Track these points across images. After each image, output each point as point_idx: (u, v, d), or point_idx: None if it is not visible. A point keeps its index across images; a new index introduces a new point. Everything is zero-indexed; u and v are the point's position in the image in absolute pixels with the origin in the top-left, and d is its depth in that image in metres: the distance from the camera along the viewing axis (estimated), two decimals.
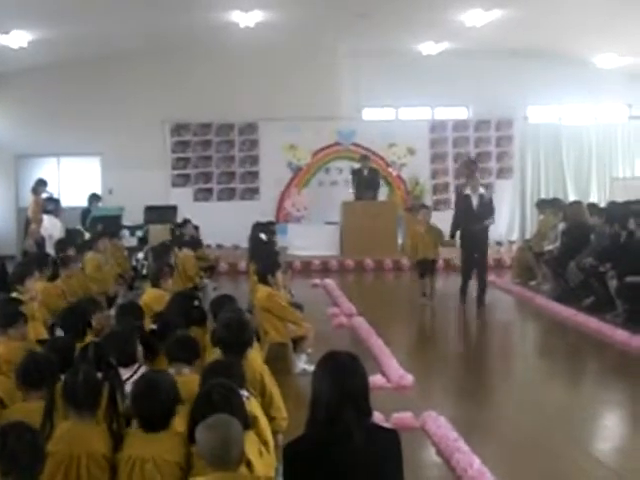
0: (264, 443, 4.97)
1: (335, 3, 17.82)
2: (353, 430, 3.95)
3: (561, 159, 23.72)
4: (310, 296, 14.46)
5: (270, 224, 16.28)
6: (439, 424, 7.31)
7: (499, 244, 20.85)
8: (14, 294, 8.81)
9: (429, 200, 21.92)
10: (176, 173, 22.74)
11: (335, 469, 3.96)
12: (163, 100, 21.88)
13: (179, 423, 4.70)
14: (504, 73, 22.60)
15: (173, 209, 19.52)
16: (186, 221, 17.14)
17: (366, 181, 19.93)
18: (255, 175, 22.93)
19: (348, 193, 20.47)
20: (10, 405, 5.43)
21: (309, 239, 20.24)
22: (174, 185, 22.67)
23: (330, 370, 4.14)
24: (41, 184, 17.10)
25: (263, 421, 5.26)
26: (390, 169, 22.67)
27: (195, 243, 15.20)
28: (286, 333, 9.64)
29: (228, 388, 4.66)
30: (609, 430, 7.86)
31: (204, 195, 22.78)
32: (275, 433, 5.70)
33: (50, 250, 13.73)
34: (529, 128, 23.74)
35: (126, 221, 18.82)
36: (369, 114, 23.85)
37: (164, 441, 4.54)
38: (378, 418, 6.45)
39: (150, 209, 19.27)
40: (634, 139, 23.96)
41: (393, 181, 22.67)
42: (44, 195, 16.95)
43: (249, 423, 4.70)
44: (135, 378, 5.21)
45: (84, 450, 4.53)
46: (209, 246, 19.55)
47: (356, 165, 20.76)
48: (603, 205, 17.02)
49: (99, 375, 4.87)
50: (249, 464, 4.33)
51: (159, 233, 17.01)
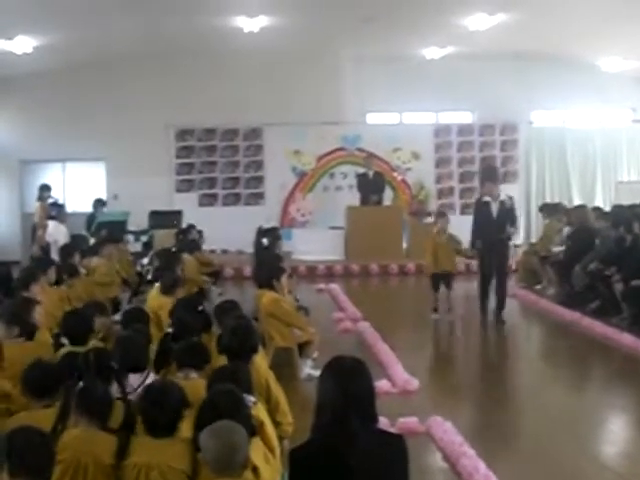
0: (270, 449, 4.97)
1: (339, 8, 17.83)
2: (358, 435, 3.95)
3: (566, 163, 23.71)
4: (315, 301, 14.44)
5: (274, 229, 16.27)
6: (445, 429, 7.30)
7: None
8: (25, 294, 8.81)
9: (434, 204, 21.92)
10: (181, 178, 22.76)
11: (341, 474, 3.94)
12: (168, 105, 21.90)
13: (186, 428, 4.69)
14: (508, 77, 22.59)
15: (178, 214, 19.54)
16: (190, 226, 17.13)
17: (371, 185, 19.92)
18: (260, 180, 22.95)
19: (353, 198, 20.46)
20: (17, 410, 5.44)
21: (314, 244, 20.22)
22: (179, 190, 22.69)
23: (336, 375, 4.14)
24: (45, 190, 17.12)
25: (269, 427, 5.26)
26: (395, 173, 22.66)
27: (193, 246, 15.05)
28: (291, 338, 9.63)
29: (233, 395, 4.66)
30: (615, 434, 7.85)
31: (209, 200, 22.79)
32: (281, 439, 5.69)
33: (55, 256, 13.73)
34: (534, 132, 23.73)
35: (131, 226, 18.83)
36: (373, 119, 23.87)
37: (170, 448, 4.53)
38: (384, 423, 6.44)
39: (155, 214, 19.29)
40: (639, 143, 23.94)
41: (398, 185, 22.67)
42: (49, 200, 16.96)
43: (255, 429, 4.69)
44: (145, 384, 5.21)
45: (91, 457, 4.52)
46: (214, 251, 19.56)
47: (360, 170, 20.73)
48: (608, 209, 17.00)
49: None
50: (255, 470, 4.33)
51: (164, 238, 17.02)
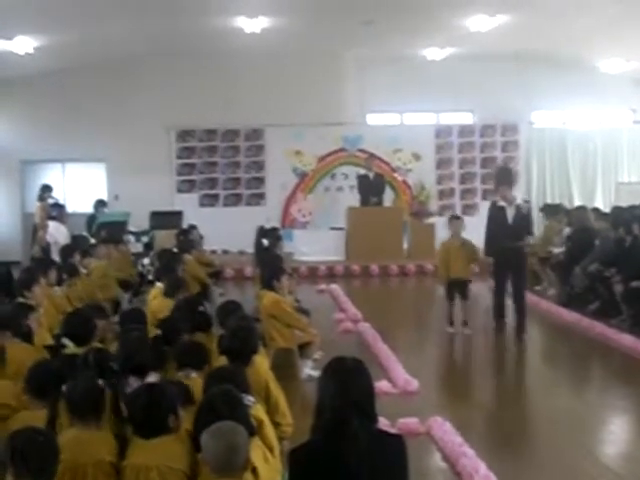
0: (269, 448, 4.97)
1: (341, 10, 17.82)
2: (358, 435, 3.96)
3: (566, 164, 23.72)
4: (316, 301, 14.45)
5: (275, 230, 16.26)
6: (445, 429, 7.30)
7: None
8: (20, 299, 8.82)
9: (434, 205, 21.94)
10: (181, 179, 22.76)
11: (341, 475, 3.96)
12: (168, 106, 21.92)
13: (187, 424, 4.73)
14: (509, 78, 22.60)
15: (179, 215, 19.55)
16: (192, 227, 17.12)
17: (371, 186, 19.92)
18: (261, 181, 22.95)
19: (354, 198, 20.46)
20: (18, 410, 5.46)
21: (315, 244, 20.23)
22: (179, 191, 22.70)
23: (336, 375, 4.16)
24: (46, 190, 17.14)
25: (268, 426, 5.26)
26: (395, 174, 22.67)
27: (189, 246, 14.90)
28: (292, 339, 9.63)
29: (232, 395, 4.67)
30: (615, 435, 7.85)
31: (210, 201, 22.79)
32: (281, 439, 5.69)
33: (55, 256, 13.74)
34: (534, 133, 23.73)
35: (131, 227, 18.84)
36: (374, 120, 23.86)
37: (169, 448, 4.54)
38: (384, 424, 6.46)
39: (155, 215, 19.31)
40: (639, 144, 23.95)
41: (398, 186, 22.67)
42: (50, 201, 16.97)
43: (254, 430, 4.71)
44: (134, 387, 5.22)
45: (90, 458, 4.53)
46: (214, 252, 19.56)
47: (361, 170, 20.74)
48: (608, 210, 17.00)
49: (100, 382, 4.85)
50: (254, 471, 4.34)
51: (164, 239, 17.02)
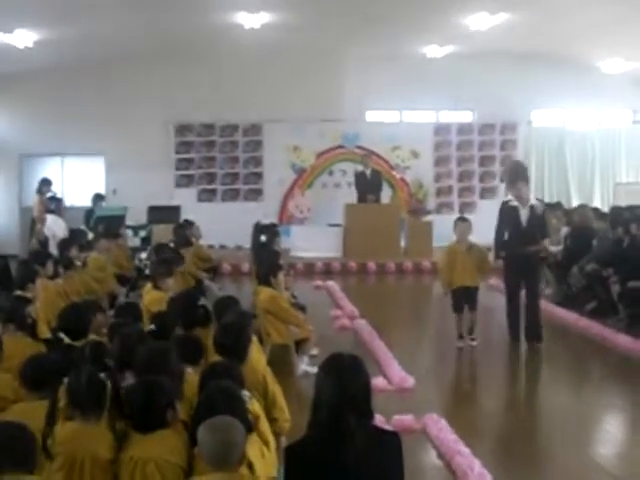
0: (265, 442, 4.98)
1: (340, 6, 17.82)
2: (354, 432, 3.97)
3: (565, 163, 23.75)
4: (313, 298, 14.45)
5: (272, 226, 16.24)
6: (440, 427, 7.32)
7: None
8: (18, 292, 8.84)
9: (432, 203, 21.95)
10: (180, 173, 22.76)
11: (336, 471, 3.96)
12: (167, 100, 21.93)
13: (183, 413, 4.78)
14: (509, 77, 22.62)
15: (176, 209, 19.55)
16: (188, 222, 17.01)
17: (369, 183, 19.92)
18: (259, 176, 22.95)
19: (352, 195, 20.45)
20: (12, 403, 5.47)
21: (312, 241, 20.22)
22: (178, 185, 22.69)
23: (332, 372, 4.15)
24: (45, 184, 17.15)
25: (264, 421, 5.27)
26: (393, 172, 22.67)
27: (185, 242, 14.77)
28: (288, 335, 9.65)
29: (230, 391, 4.68)
30: (611, 435, 7.86)
31: (208, 196, 22.80)
32: (278, 435, 5.70)
33: (53, 250, 13.74)
34: (533, 132, 23.76)
35: (129, 221, 18.82)
36: (373, 116, 23.86)
37: (166, 442, 4.55)
38: (379, 420, 6.46)
39: (153, 209, 19.31)
40: (638, 144, 23.96)
41: (396, 184, 22.68)
42: (48, 194, 16.98)
43: (252, 426, 4.71)
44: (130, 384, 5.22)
45: (88, 453, 4.54)
46: (212, 246, 19.55)
47: (359, 167, 20.73)
48: (606, 210, 17.01)
49: (105, 375, 4.86)
50: (250, 466, 4.34)
51: (162, 233, 17.02)
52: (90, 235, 15.27)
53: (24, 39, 18.41)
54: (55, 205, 16.80)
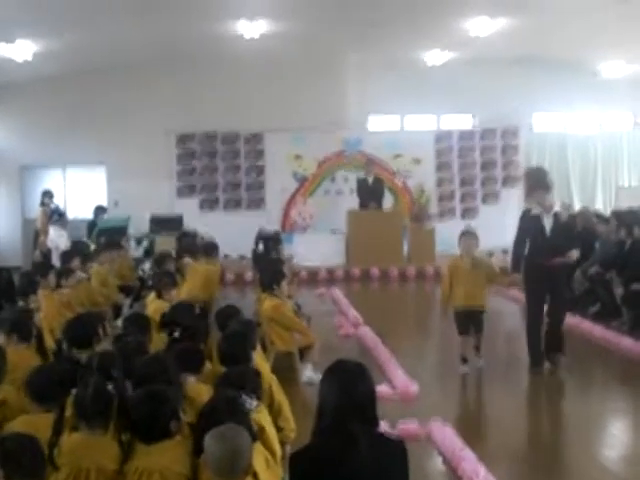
0: (272, 453, 4.98)
1: (341, 13, 17.84)
2: (359, 439, 3.97)
3: (567, 167, 23.75)
4: (316, 305, 14.48)
5: (275, 234, 16.26)
6: (445, 433, 7.30)
7: (505, 252, 20.75)
8: (20, 303, 8.85)
9: (434, 208, 21.94)
10: (181, 183, 22.77)
11: (341, 478, 3.96)
12: (168, 110, 21.94)
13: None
14: (509, 81, 22.64)
15: (179, 219, 19.55)
16: (188, 233, 16.97)
17: (371, 190, 19.94)
18: (261, 185, 22.96)
19: (354, 202, 20.44)
20: (17, 414, 5.47)
21: (315, 248, 20.23)
22: (179, 195, 22.70)
23: (337, 379, 4.16)
24: (47, 195, 17.19)
25: (271, 431, 5.26)
26: (395, 179, 22.67)
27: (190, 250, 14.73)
28: (292, 342, 9.66)
29: (234, 402, 4.67)
30: (615, 438, 7.85)
31: (210, 205, 22.80)
32: (283, 444, 5.69)
33: (56, 261, 13.77)
34: (535, 136, 23.77)
35: (131, 231, 18.85)
36: (375, 124, 23.87)
37: (170, 451, 4.54)
38: (384, 427, 6.45)
39: (156, 219, 19.31)
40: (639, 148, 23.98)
41: (398, 190, 22.68)
42: (50, 206, 17.01)
43: (255, 436, 4.71)
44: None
45: (94, 464, 4.54)
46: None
47: (361, 174, 20.75)
48: (608, 213, 17.00)
49: (112, 387, 4.85)
50: (255, 476, 4.34)
51: (165, 243, 17.02)
52: (92, 247, 15.29)
53: (25, 49, 18.43)
54: (58, 217, 16.81)
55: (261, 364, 6.62)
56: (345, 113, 22.58)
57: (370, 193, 19.90)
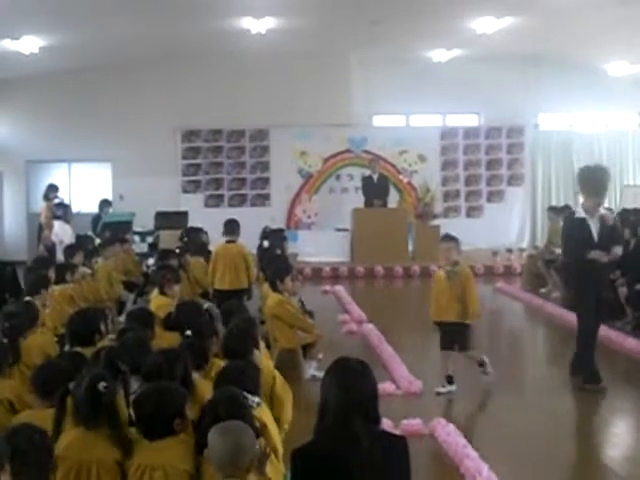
0: (273, 451, 4.98)
1: (346, 10, 17.82)
2: (361, 436, 3.97)
3: (572, 166, 23.64)
4: (320, 303, 14.46)
5: (280, 231, 16.25)
6: (448, 431, 7.31)
7: (509, 251, 20.78)
8: (27, 298, 8.85)
9: (440, 207, 21.91)
10: (187, 179, 22.78)
11: (343, 475, 3.97)
12: (174, 106, 21.94)
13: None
14: (515, 80, 22.60)
15: (184, 215, 19.53)
16: (196, 229, 16.91)
17: (376, 188, 19.93)
18: (266, 181, 22.96)
19: (359, 200, 20.44)
20: (20, 409, 5.49)
21: (320, 246, 20.24)
22: (185, 191, 22.72)
23: (339, 376, 4.16)
24: (52, 189, 17.17)
25: (273, 428, 5.27)
26: (401, 176, 22.64)
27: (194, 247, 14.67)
28: (295, 340, 9.66)
29: (236, 399, 4.67)
30: (619, 438, 7.86)
31: (215, 201, 22.80)
32: None
33: (60, 256, 13.76)
34: (540, 135, 23.71)
35: (136, 227, 18.86)
36: (380, 121, 23.86)
37: (173, 449, 4.54)
38: (387, 425, 6.46)
39: (161, 215, 19.29)
40: None
41: (404, 188, 22.63)
42: (55, 201, 17.00)
43: (258, 432, 4.71)
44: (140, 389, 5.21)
45: (94, 456, 4.55)
46: None
47: (366, 172, 20.74)
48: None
49: (103, 384, 4.80)
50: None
51: (169, 239, 17.01)
52: (97, 241, 15.30)
53: (31, 45, 18.44)
54: (62, 211, 16.81)
55: (264, 360, 6.62)
56: (350, 110, 22.56)
57: (375, 191, 19.91)
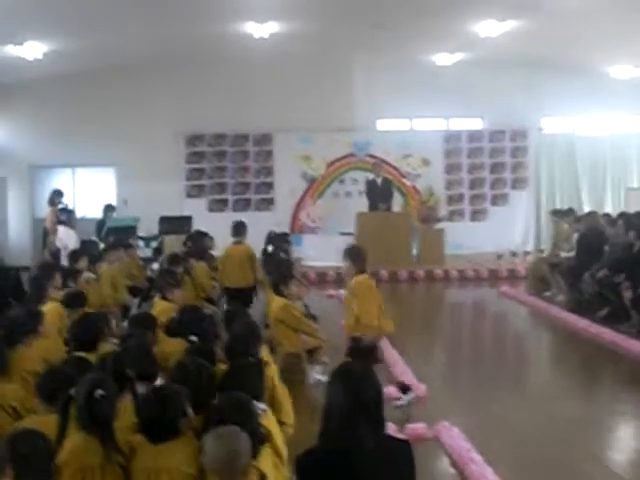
0: (279, 456, 4.99)
1: (350, 14, 17.83)
2: (366, 441, 3.96)
3: (576, 170, 23.70)
4: (325, 307, 14.45)
5: (284, 235, 16.25)
6: (452, 435, 7.31)
7: (514, 255, 20.79)
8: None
9: (444, 211, 21.92)
10: (191, 184, 22.80)
11: None
12: (178, 111, 21.99)
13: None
14: (519, 84, 22.60)
15: (188, 220, 19.54)
16: (201, 233, 16.92)
17: (379, 192, 19.94)
18: (270, 186, 22.97)
19: (363, 204, 20.43)
20: (24, 414, 5.50)
21: (324, 250, 20.19)
22: (189, 196, 22.74)
23: (344, 381, 4.16)
24: (57, 195, 17.19)
25: (278, 434, 5.28)
26: (404, 180, 22.64)
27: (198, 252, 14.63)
28: (299, 344, 9.66)
29: (242, 405, 4.67)
30: (623, 441, 7.85)
31: (219, 206, 22.82)
32: None
33: (65, 261, 13.77)
34: (544, 139, 23.71)
35: (141, 232, 18.86)
36: (384, 125, 23.85)
37: (179, 452, 4.56)
38: (392, 429, 6.46)
39: (165, 220, 19.29)
40: None
41: (407, 192, 22.64)
42: (59, 206, 17.02)
43: (264, 438, 4.71)
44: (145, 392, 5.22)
45: (98, 461, 4.55)
46: None
47: (370, 176, 20.74)
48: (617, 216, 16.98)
49: (100, 392, 4.80)
50: (263, 477, 4.36)
51: (174, 244, 17.01)
52: (101, 246, 15.30)
53: (34, 50, 18.46)
54: (67, 216, 16.83)
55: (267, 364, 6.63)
56: (354, 114, 22.56)
57: (379, 194, 19.92)
